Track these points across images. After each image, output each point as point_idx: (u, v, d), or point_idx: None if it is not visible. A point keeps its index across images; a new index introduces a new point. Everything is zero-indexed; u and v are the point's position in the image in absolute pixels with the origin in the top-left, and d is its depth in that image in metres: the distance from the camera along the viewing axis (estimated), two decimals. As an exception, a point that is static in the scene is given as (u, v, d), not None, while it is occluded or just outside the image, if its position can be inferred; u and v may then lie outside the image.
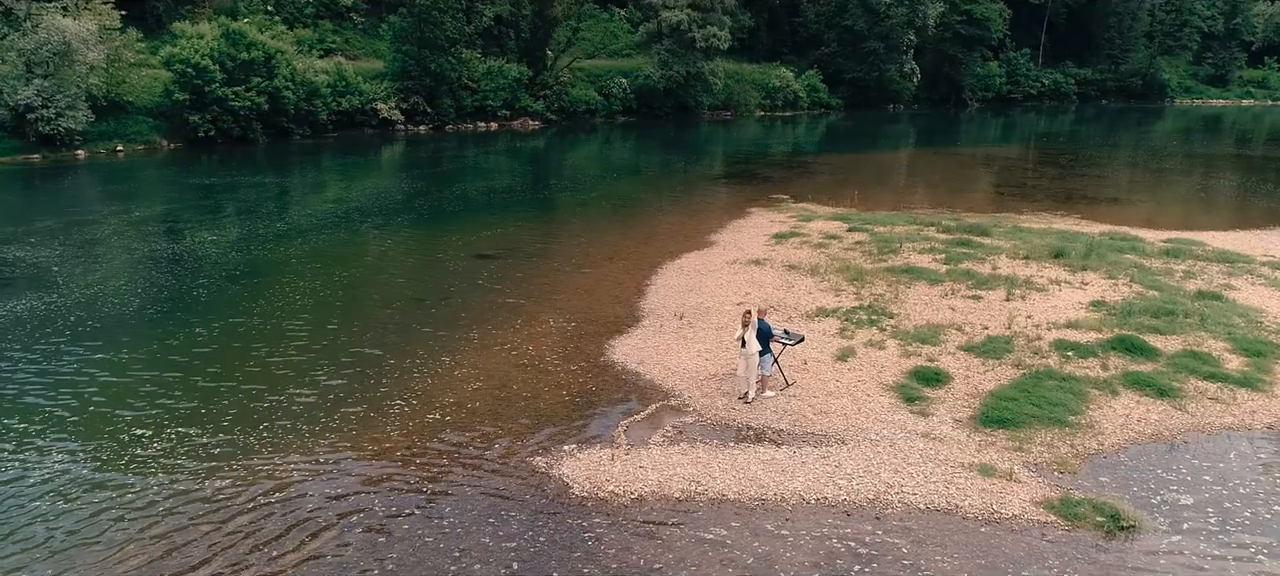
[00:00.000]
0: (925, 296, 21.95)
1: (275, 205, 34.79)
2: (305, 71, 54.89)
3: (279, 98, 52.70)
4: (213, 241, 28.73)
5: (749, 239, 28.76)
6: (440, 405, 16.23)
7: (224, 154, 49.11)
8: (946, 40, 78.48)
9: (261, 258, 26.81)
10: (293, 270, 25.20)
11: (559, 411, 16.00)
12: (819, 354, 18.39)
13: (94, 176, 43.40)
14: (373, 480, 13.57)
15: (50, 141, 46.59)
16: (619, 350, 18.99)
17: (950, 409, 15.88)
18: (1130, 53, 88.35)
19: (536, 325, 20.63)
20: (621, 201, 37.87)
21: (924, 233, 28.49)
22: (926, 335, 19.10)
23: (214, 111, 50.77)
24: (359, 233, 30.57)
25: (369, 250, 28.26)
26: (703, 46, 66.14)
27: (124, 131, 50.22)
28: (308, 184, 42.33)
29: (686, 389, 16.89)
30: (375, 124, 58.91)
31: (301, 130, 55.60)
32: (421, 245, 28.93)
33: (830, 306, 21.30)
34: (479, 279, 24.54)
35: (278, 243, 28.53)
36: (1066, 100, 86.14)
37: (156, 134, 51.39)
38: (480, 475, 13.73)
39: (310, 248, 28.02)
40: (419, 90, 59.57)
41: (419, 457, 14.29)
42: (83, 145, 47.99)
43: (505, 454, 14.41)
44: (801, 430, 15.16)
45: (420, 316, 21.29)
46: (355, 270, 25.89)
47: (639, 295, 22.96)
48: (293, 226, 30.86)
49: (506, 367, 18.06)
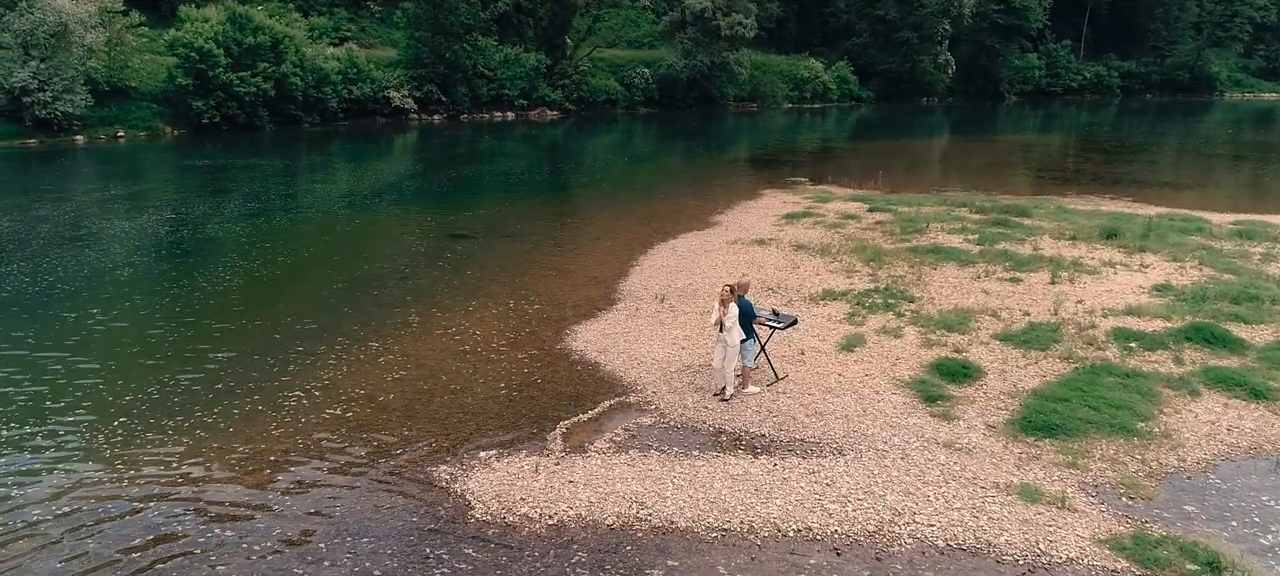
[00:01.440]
0: (953, 278, 18.19)
1: (255, 186, 31.77)
2: (315, 58, 52.09)
3: (286, 84, 49.87)
4: (169, 219, 25.72)
5: (756, 220, 25.13)
6: (346, 398, 12.87)
7: (228, 141, 46.41)
8: (983, 30, 73.81)
9: (212, 235, 23.71)
10: (241, 248, 22.06)
11: (489, 409, 12.55)
12: (820, 342, 14.76)
13: (85, 160, 40.79)
14: (218, 490, 10.22)
15: (47, 126, 44.16)
16: (581, 337, 15.52)
17: (981, 411, 12.17)
18: (1177, 44, 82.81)
19: (492, 308, 17.24)
20: (625, 185, 34.37)
21: (955, 213, 24.63)
22: (953, 321, 15.37)
23: (218, 97, 48.01)
24: (330, 212, 27.43)
25: (335, 229, 25.06)
26: (728, 35, 62.40)
27: (126, 117, 47.70)
28: (299, 167, 39.31)
29: (651, 383, 13.36)
30: (387, 113, 55.94)
31: (310, 118, 52.77)
32: (395, 225, 25.67)
33: (839, 288, 17.63)
34: (444, 259, 21.21)
35: (238, 221, 25.43)
36: (1109, 94, 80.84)
37: (159, 120, 48.79)
38: (359, 488, 10.33)
39: (270, 226, 24.90)
40: (433, 78, 56.51)
41: (293, 463, 10.93)
42: (82, 130, 45.53)
43: (403, 461, 11.00)
44: (788, 436, 11.56)
45: (363, 297, 18.00)
46: (312, 249, 22.69)
47: (620, 277, 19.46)
48: (262, 206, 27.79)
49: (441, 355, 14.67)
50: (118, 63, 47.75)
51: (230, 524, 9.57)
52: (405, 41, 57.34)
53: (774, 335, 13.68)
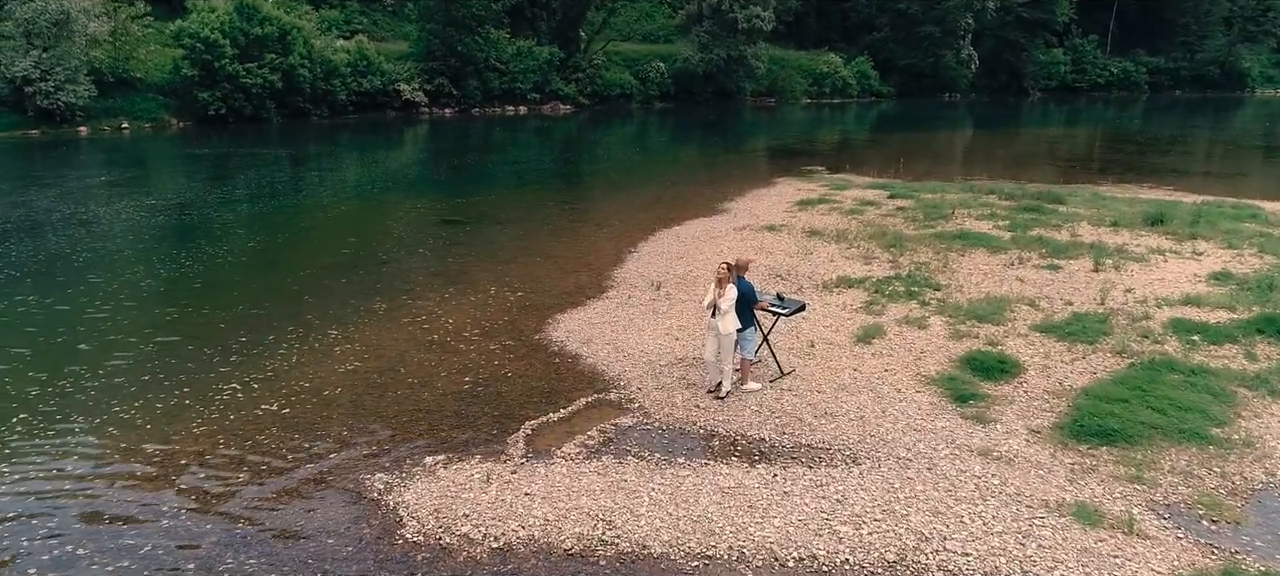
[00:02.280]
0: (984, 265, 16.15)
1: (247, 174, 30.10)
2: (324, 49, 50.59)
3: (294, 75, 48.35)
4: (146, 205, 24.06)
5: (768, 206, 23.15)
6: (288, 392, 11.08)
7: (234, 133, 44.95)
8: (1007, 25, 71.21)
9: (185, 221, 22.03)
10: (211, 234, 20.38)
11: (446, 406, 10.70)
12: (833, 333, 12.80)
13: (81, 151, 39.42)
14: (110, 496, 8.43)
15: (50, 116, 42.90)
16: (565, 325, 13.65)
17: (1023, 412, 10.17)
18: (1207, 40, 79.74)
19: (472, 295, 15.40)
20: (633, 174, 32.46)
21: (982, 199, 22.52)
22: (985, 310, 13.35)
23: (225, 89, 46.56)
24: (317, 200, 25.71)
25: (318, 216, 23.34)
26: (745, 28, 60.32)
27: (131, 108, 46.38)
28: (297, 157, 37.57)
29: (637, 377, 11.46)
30: (398, 106, 54.34)
31: (319, 111, 51.24)
32: (383, 212, 23.90)
33: (856, 275, 15.64)
34: (427, 245, 19.43)
35: (217, 207, 23.73)
36: (1136, 91, 77.82)
37: (165, 112, 47.43)
38: (273, 498, 8.51)
39: (251, 212, 23.23)
40: (444, 71, 54.85)
41: (206, 466, 9.13)
42: (86, 121, 44.22)
43: (335, 465, 9.17)
44: (792, 441, 9.62)
45: (330, 283, 16.24)
46: (287, 235, 20.98)
47: (615, 263, 17.57)
48: (248, 193, 26.11)
49: (404, 345, 12.84)
50: (123, 53, 46.46)
51: (104, 534, 7.77)
52: (416, 34, 55.75)
53: (778, 324, 11.75)
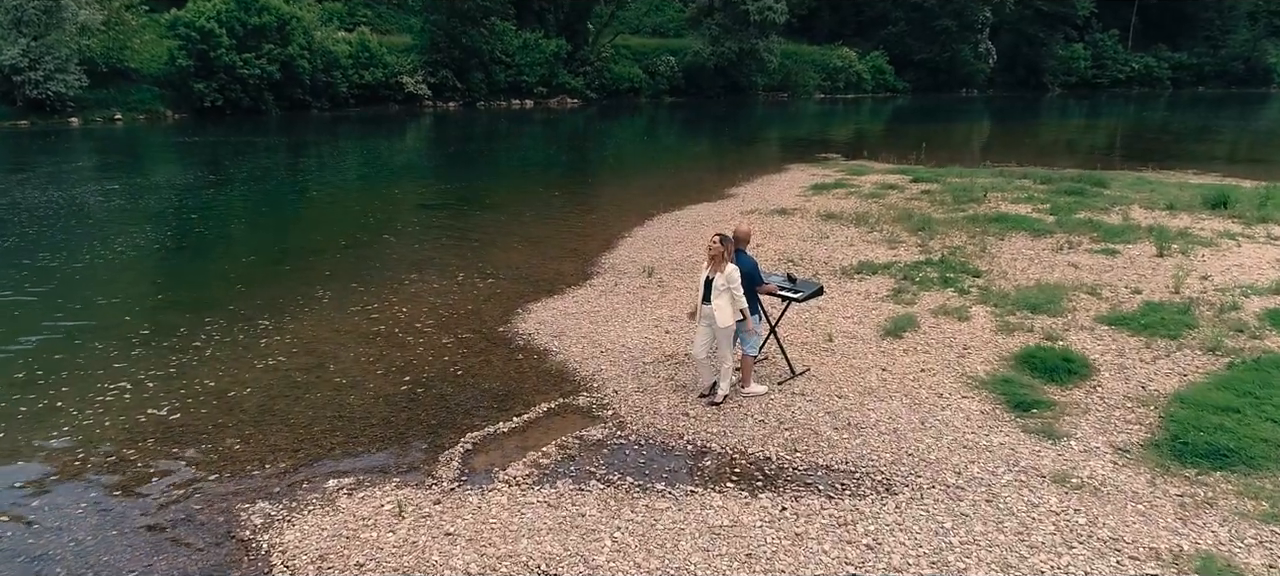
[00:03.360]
0: (1027, 250, 13.76)
1: (225, 163, 27.91)
2: (324, 40, 48.59)
3: (293, 66, 46.37)
4: (104, 191, 21.96)
5: (779, 191, 20.80)
6: (185, 394, 8.85)
7: (232, 125, 42.95)
8: (1026, 18, 68.39)
9: (137, 207, 19.89)
10: (158, 220, 18.27)
11: (374, 413, 8.44)
12: (856, 324, 10.46)
13: (67, 141, 37.50)
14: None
15: (40, 106, 41.03)
16: (536, 316, 11.37)
17: (1102, 425, 7.80)
18: (1231, 35, 76.56)
19: (434, 281, 13.16)
20: (634, 159, 30.15)
21: (1015, 183, 20.11)
22: (1038, 299, 10.96)
23: (221, 80, 44.61)
24: (290, 186, 23.55)
25: (283, 202, 21.16)
26: (757, 20, 57.90)
27: (124, 99, 44.47)
28: (288, 146, 35.46)
29: (615, 377, 9.16)
30: (401, 99, 52.27)
31: (319, 103, 49.23)
32: (358, 198, 21.64)
33: (880, 260, 13.28)
34: (398, 229, 17.20)
35: (178, 193, 21.58)
36: (1158, 86, 74.71)
37: (160, 103, 45.48)
38: (120, 535, 6.27)
39: (213, 199, 21.05)
40: (448, 64, 52.75)
41: (47, 489, 6.91)
42: (77, 112, 42.33)
43: (211, 491, 6.93)
44: (807, 461, 7.30)
45: (272, 270, 14.09)
46: (243, 222, 18.82)
47: (605, 248, 15.28)
48: (218, 180, 23.92)
49: (343, 338, 10.60)
50: (117, 43, 44.55)
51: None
52: (420, 25, 53.69)
53: (789, 312, 9.44)
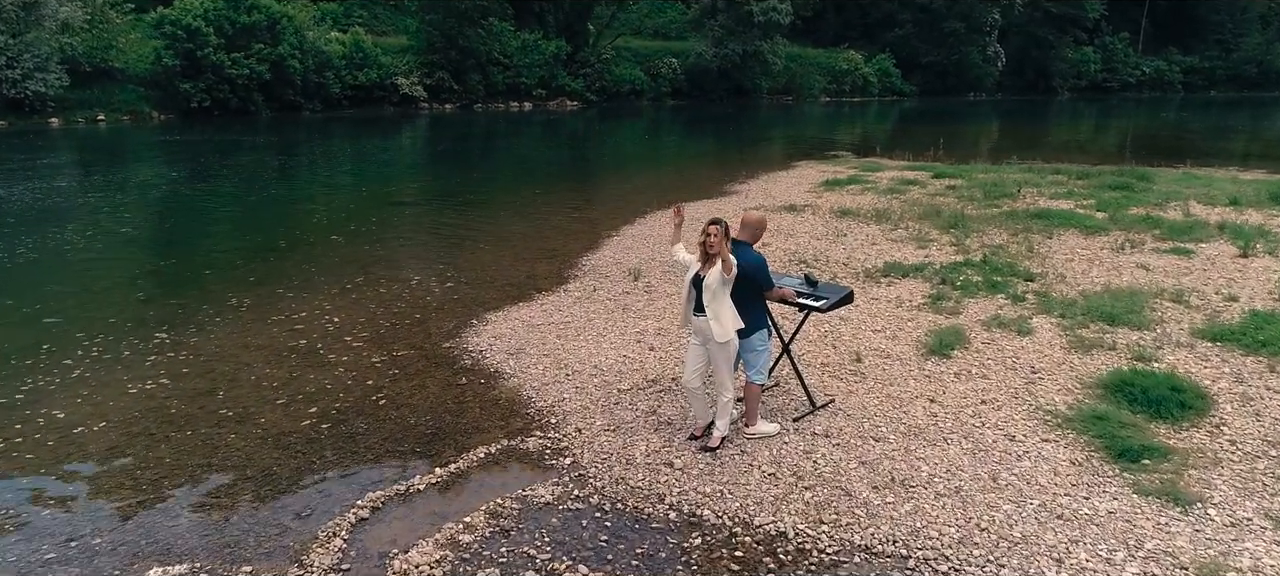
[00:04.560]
0: (1083, 249, 11.50)
1: (197, 162, 25.75)
2: (316, 40, 46.47)
3: (284, 66, 44.26)
4: (53, 188, 19.80)
5: (787, 188, 18.54)
6: (20, 427, 6.64)
7: (219, 126, 40.83)
8: (1035, 21, 66.08)
9: (68, 205, 17.73)
10: (83, 218, 16.08)
11: (254, 460, 6.20)
12: (889, 339, 8.20)
13: (44, 142, 35.45)
14: None
15: (18, 106, 38.94)
16: (493, 328, 9.14)
17: (1244, 482, 5.52)
18: (1243, 38, 74.09)
19: (380, 287, 10.93)
20: (630, 157, 27.89)
21: (1049, 178, 17.85)
22: (1114, 308, 8.69)
23: (209, 80, 42.54)
24: (253, 184, 21.31)
25: (239, 199, 18.92)
26: (762, 22, 55.71)
27: (108, 99, 42.37)
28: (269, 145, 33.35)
29: (581, 409, 6.91)
30: (395, 101, 50.11)
31: (311, 105, 47.07)
32: (326, 194, 19.41)
33: (909, 261, 11.03)
34: (352, 228, 14.94)
35: (120, 190, 19.40)
36: (1169, 90, 72.31)
37: (146, 104, 43.39)
38: None
39: (155, 196, 18.89)
40: (445, 65, 50.61)
41: None
42: (58, 112, 40.27)
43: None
44: (837, 539, 5.03)
45: (190, 274, 11.87)
46: (177, 221, 16.58)
47: (588, 249, 13.05)
48: (178, 179, 21.72)
49: (252, 355, 8.38)
50: (101, 42, 42.48)
51: None
52: (416, 26, 51.60)
53: (806, 324, 7.20)
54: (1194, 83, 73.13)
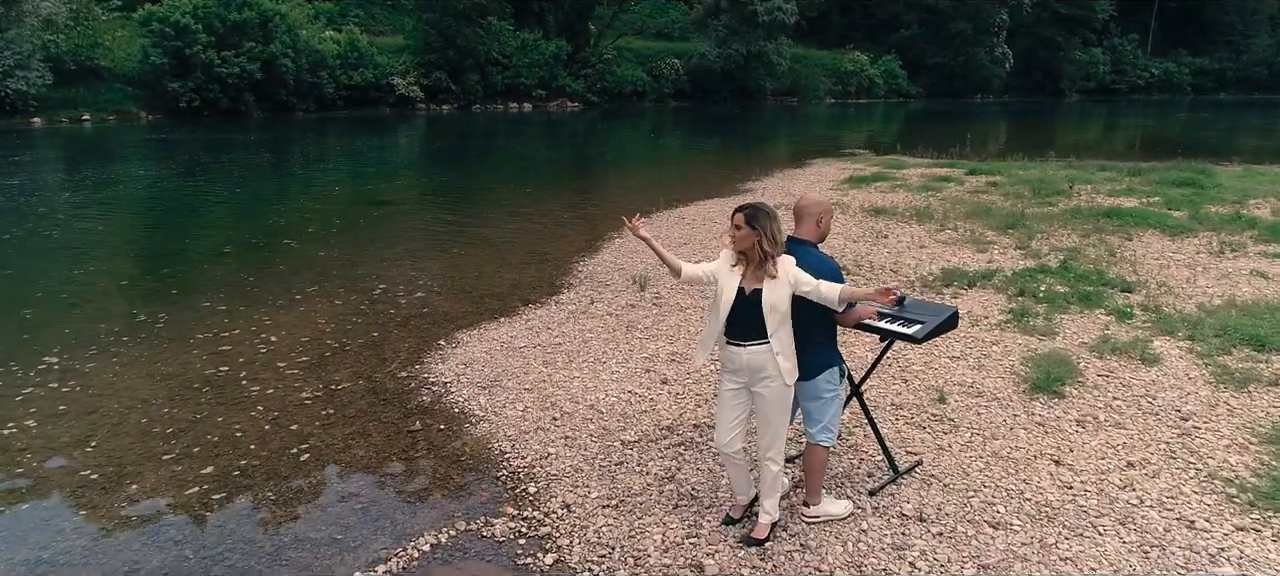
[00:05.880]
0: (1174, 253, 9.54)
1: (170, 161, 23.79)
2: (310, 39, 44.57)
3: (276, 66, 42.35)
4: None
5: (806, 185, 16.58)
6: None
7: (208, 126, 38.89)
8: (1043, 22, 64.12)
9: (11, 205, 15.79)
10: (23, 220, 14.14)
11: (67, 562, 4.25)
12: (974, 370, 6.22)
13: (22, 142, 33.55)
14: None
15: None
16: (467, 349, 7.19)
17: None
18: (1254, 40, 72.06)
19: (336, 298, 8.97)
20: (632, 155, 25.90)
21: (1098, 175, 15.89)
22: (1254, 328, 6.71)
23: (198, 79, 40.65)
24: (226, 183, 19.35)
25: (198, 201, 16.97)
26: (766, 21, 53.81)
27: (94, 99, 40.44)
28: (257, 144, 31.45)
29: (573, 470, 4.94)
30: (392, 101, 48.16)
31: (305, 105, 45.14)
32: (299, 194, 17.44)
33: (972, 267, 9.06)
34: (316, 231, 12.99)
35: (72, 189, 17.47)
36: (1178, 92, 70.21)
37: (133, 104, 41.47)
38: None
39: (113, 197, 16.96)
40: (442, 65, 48.66)
41: None
42: (41, 112, 38.38)
43: None
44: None
45: (118, 283, 9.93)
46: (117, 221, 14.66)
47: (584, 252, 11.10)
48: (147, 176, 19.77)
49: (155, 389, 6.43)
50: (87, 39, 40.67)
51: None
52: (412, 25, 49.71)
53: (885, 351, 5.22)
54: (1203, 85, 71.09)
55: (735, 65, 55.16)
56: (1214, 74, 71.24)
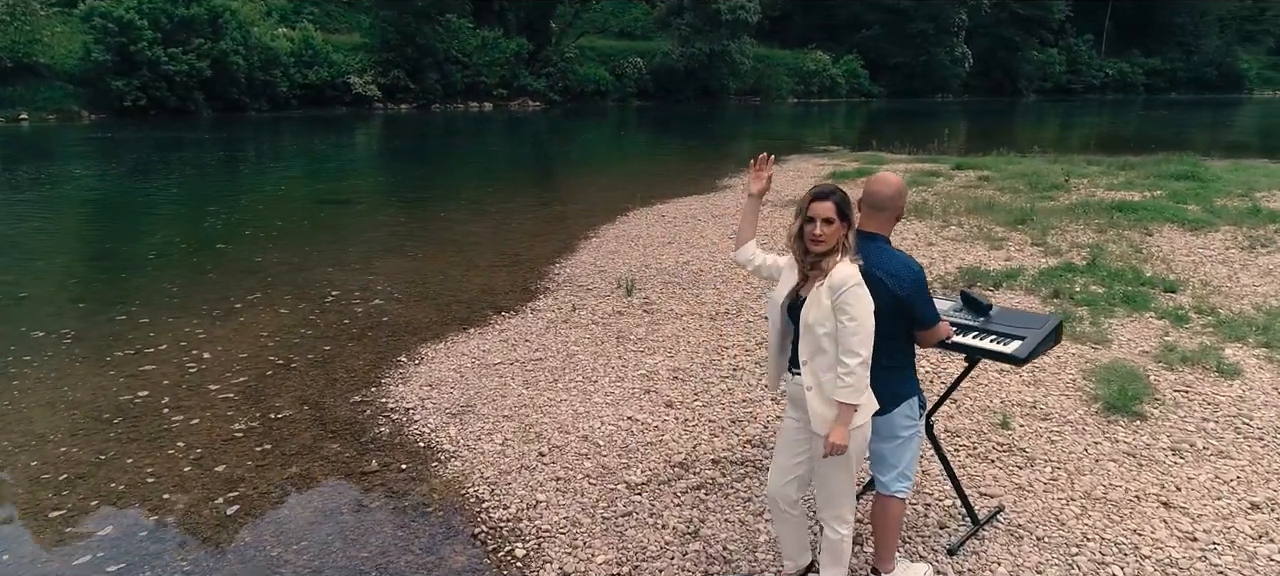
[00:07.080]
0: (1202, 248, 8.78)
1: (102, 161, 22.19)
2: (263, 36, 42.80)
3: (226, 64, 40.55)
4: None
5: (787, 182, 15.68)
6: None
7: (155, 126, 36.97)
8: (1002, 22, 64.41)
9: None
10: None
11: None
12: (1032, 386, 5.29)
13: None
14: None
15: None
16: (433, 367, 6.11)
17: None
18: (1203, 40, 73.13)
19: (281, 307, 7.84)
20: (601, 153, 24.87)
21: (1086, 169, 15.23)
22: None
23: (144, 77, 38.70)
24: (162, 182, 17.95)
25: (125, 203, 15.60)
26: (729, 20, 53.15)
27: (32, 98, 38.30)
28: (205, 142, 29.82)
29: (567, 527, 3.89)
30: (348, 100, 46.51)
31: (257, 104, 43.33)
32: (246, 194, 16.11)
33: (993, 267, 8.20)
34: (266, 228, 11.80)
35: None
36: (1132, 92, 70.96)
37: (75, 102, 39.39)
38: None
39: (35, 198, 15.53)
40: (400, 63, 47.11)
41: None
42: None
43: None
44: None
45: (16, 294, 8.67)
46: (39, 228, 13.32)
47: (561, 253, 10.06)
48: (74, 176, 18.27)
49: (55, 423, 5.27)
50: (24, 36, 38.50)
51: None
52: (369, 22, 48.12)
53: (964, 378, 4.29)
54: (1156, 85, 71.99)
55: (699, 64, 54.40)
56: (1166, 74, 72.22)
